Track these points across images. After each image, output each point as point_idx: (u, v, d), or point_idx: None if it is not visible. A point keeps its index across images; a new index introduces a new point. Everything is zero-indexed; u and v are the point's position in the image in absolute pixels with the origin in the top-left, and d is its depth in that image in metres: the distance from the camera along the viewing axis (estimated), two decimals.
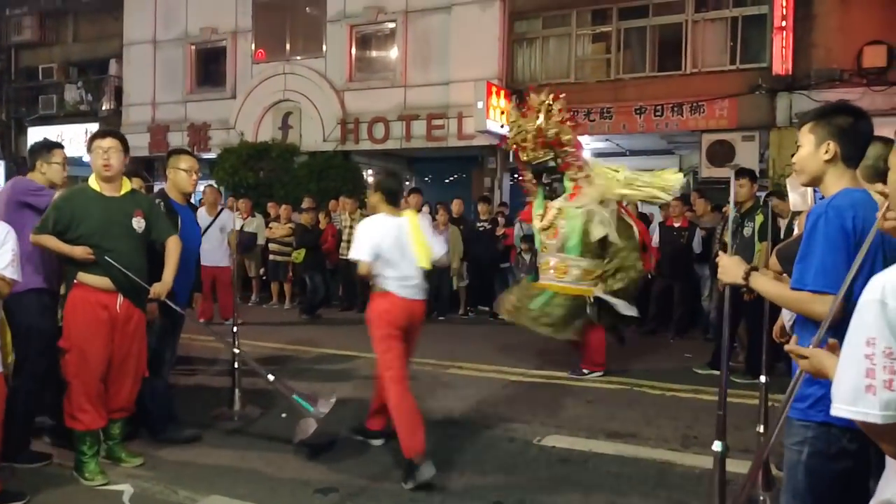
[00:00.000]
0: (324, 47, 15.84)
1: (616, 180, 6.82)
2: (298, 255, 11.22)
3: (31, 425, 4.54)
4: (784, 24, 11.83)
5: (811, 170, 2.45)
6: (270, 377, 4.72)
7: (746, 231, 6.55)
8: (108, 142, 4.26)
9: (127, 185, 4.41)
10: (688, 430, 5.29)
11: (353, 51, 15.69)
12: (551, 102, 6.89)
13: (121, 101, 18.53)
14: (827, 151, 2.37)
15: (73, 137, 17.96)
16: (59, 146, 4.74)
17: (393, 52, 15.32)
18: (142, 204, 4.44)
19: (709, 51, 13.15)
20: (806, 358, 1.95)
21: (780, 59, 11.94)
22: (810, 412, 2.25)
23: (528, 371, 7.27)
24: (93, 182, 4.30)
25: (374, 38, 15.79)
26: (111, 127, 16.99)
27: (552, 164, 6.97)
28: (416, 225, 4.62)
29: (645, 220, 10.70)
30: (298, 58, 16.09)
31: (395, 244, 4.47)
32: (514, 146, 7.21)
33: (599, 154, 15.98)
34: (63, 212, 4.14)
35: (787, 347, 2.02)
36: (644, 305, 10.18)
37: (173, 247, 4.48)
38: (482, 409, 5.84)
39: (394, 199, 4.63)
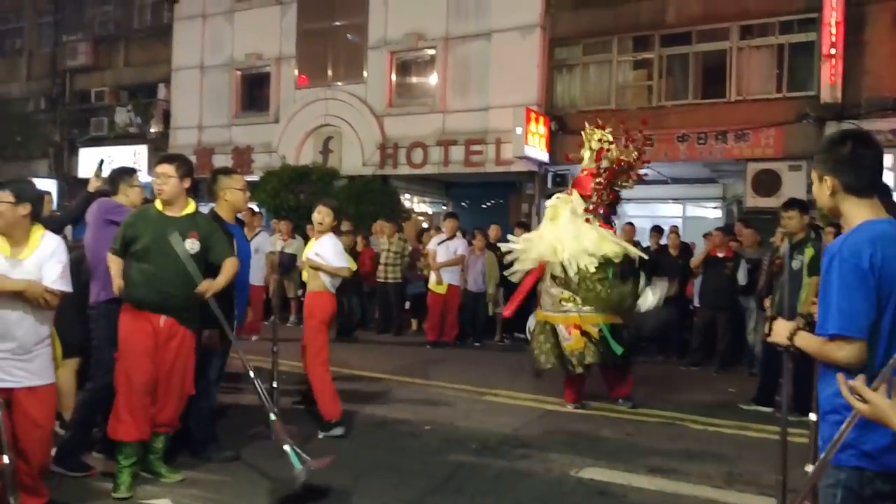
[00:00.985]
0: (364, 73, 16.05)
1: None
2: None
3: (89, 434, 4.65)
4: (833, 51, 11.60)
5: (826, 207, 2.37)
6: (273, 416, 4.49)
7: (795, 264, 6.35)
8: (163, 168, 4.44)
9: (191, 207, 4.51)
10: (732, 468, 5.12)
11: (394, 77, 15.86)
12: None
13: (168, 124, 18.98)
14: (828, 187, 2.30)
15: (122, 159, 18.44)
16: (136, 171, 5.19)
17: (432, 78, 15.44)
18: (200, 225, 4.49)
19: (754, 78, 12.97)
20: (866, 402, 1.85)
21: (829, 87, 11.69)
22: (842, 456, 2.14)
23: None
24: (158, 202, 4.46)
25: (414, 64, 15.95)
26: (161, 150, 17.59)
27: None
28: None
29: (687, 249, 10.57)
30: (340, 83, 16.31)
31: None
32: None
33: (639, 182, 15.79)
34: (128, 229, 4.36)
35: (851, 383, 1.90)
36: (685, 337, 10.04)
37: (230, 265, 4.53)
38: (518, 438, 5.74)
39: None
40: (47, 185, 16.91)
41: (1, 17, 23.20)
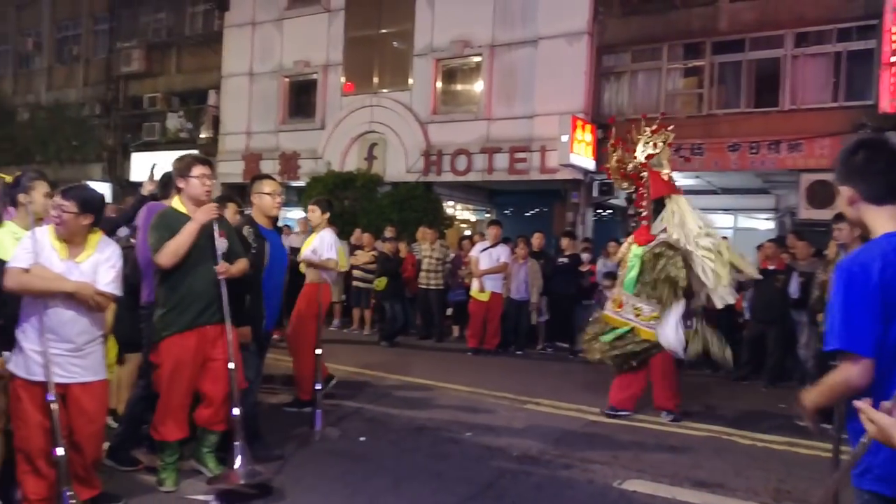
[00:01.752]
0: (410, 80, 16.10)
1: (700, 236, 6.62)
2: (380, 283, 11.28)
3: (139, 429, 4.71)
4: (894, 59, 11.23)
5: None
6: (236, 411, 4.31)
7: None
8: (205, 169, 4.44)
9: None
10: (780, 484, 4.95)
11: (439, 84, 15.88)
12: (651, 135, 6.82)
13: (218, 130, 19.33)
14: (846, 197, 2.24)
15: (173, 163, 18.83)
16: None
17: (478, 86, 15.42)
18: (224, 225, 4.53)
19: (809, 87, 12.63)
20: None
21: (889, 96, 11.28)
22: (862, 480, 2.09)
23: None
24: (178, 205, 4.42)
25: (460, 71, 15.95)
26: (211, 155, 17.93)
27: (633, 196, 7.02)
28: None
29: None
30: (385, 90, 16.39)
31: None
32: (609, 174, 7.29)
33: (689, 192, 15.49)
34: (166, 230, 4.25)
35: (856, 404, 1.83)
36: (734, 350, 9.78)
37: (242, 263, 4.50)
38: (561, 448, 5.63)
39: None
40: (101, 188, 17.32)
41: (60, 25, 23.98)
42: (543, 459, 5.30)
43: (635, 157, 6.85)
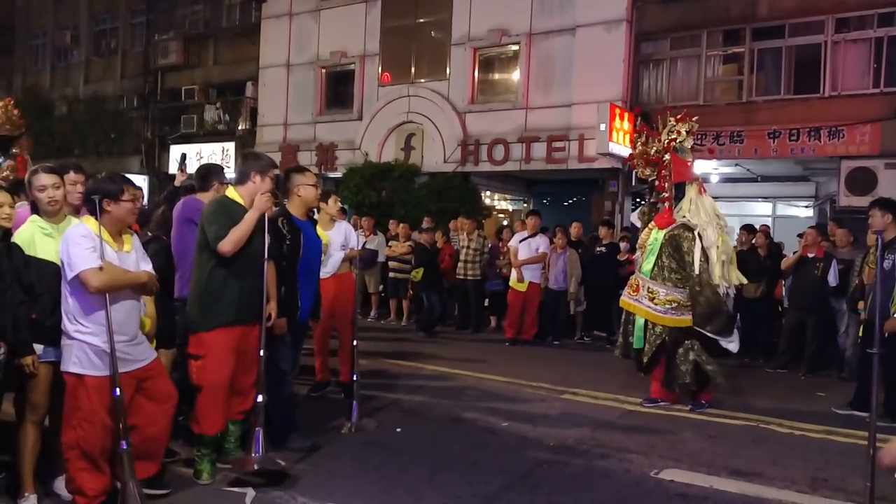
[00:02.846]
0: (447, 70, 16.13)
1: (718, 227, 6.71)
2: (417, 274, 11.40)
3: (177, 422, 4.71)
4: None
5: None
6: (259, 398, 4.44)
7: (886, 264, 6.12)
8: (275, 172, 4.57)
9: None
10: (817, 472, 4.95)
11: (476, 73, 15.88)
12: (675, 123, 6.83)
13: (255, 122, 19.57)
14: None
15: (211, 155, 19.19)
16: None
17: (515, 75, 15.40)
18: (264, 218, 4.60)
19: (850, 73, 12.41)
20: None
21: None
22: None
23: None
24: (232, 194, 4.51)
25: (497, 60, 15.94)
26: (248, 146, 18.19)
27: (654, 182, 7.07)
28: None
29: (776, 249, 10.23)
30: (422, 80, 16.45)
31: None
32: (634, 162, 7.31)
33: (728, 179, 15.41)
34: (228, 218, 4.31)
35: None
36: (772, 339, 9.72)
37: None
38: (597, 438, 5.69)
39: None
40: (139, 180, 17.74)
41: (97, 18, 24.36)
42: (580, 449, 5.36)
43: (659, 142, 6.88)
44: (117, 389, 3.65)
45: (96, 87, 23.83)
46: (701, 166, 8.50)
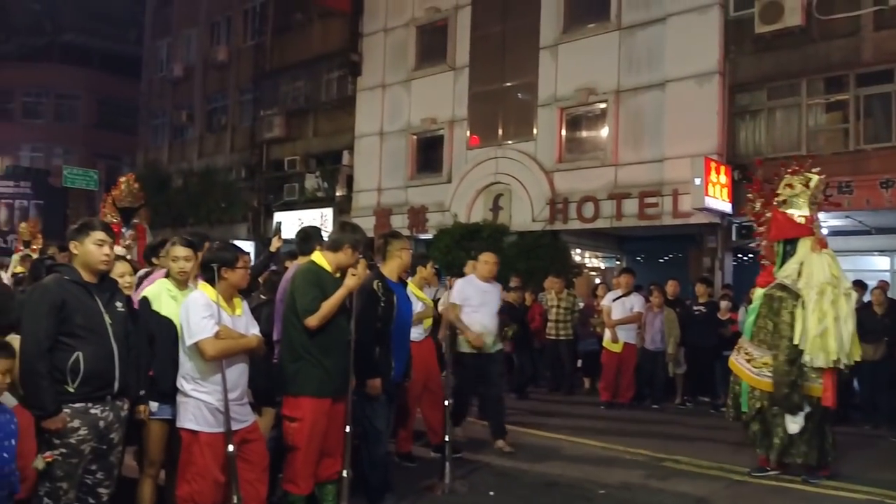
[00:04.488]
0: (534, 130, 16.16)
1: (832, 289, 6.11)
2: (510, 330, 11.19)
3: (275, 479, 4.72)
4: None
5: None
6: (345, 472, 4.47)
7: None
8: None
9: None
10: None
11: (563, 132, 15.82)
12: (790, 176, 6.54)
13: (351, 188, 20.16)
14: None
15: (310, 221, 19.78)
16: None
17: (603, 132, 15.24)
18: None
19: None
20: None
21: None
22: None
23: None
24: (321, 260, 4.55)
25: (585, 118, 15.84)
26: (345, 212, 18.71)
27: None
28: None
29: (894, 306, 9.42)
30: (510, 142, 16.54)
31: None
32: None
33: (838, 233, 14.51)
34: (319, 290, 4.37)
35: None
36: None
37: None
38: None
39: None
40: (246, 246, 18.45)
41: (210, 97, 26.15)
42: None
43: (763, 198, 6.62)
44: (231, 446, 3.82)
45: (208, 160, 25.34)
46: None
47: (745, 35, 13.45)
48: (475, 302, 7.00)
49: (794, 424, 6.09)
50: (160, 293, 4.21)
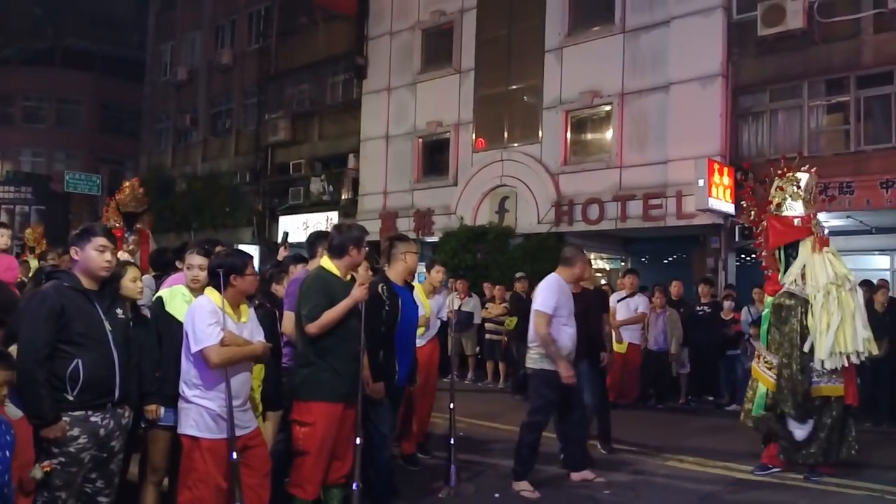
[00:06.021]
0: (540, 133, 16.28)
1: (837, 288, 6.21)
2: (511, 322, 11.31)
3: (281, 483, 4.76)
4: None
5: None
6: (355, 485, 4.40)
7: None
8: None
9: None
10: None
11: (568, 135, 15.93)
12: (779, 180, 6.62)
13: (357, 191, 20.24)
14: None
15: (316, 224, 19.92)
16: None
17: (608, 134, 15.36)
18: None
19: None
20: None
21: None
22: None
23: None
24: (329, 265, 4.58)
25: (590, 121, 15.96)
26: (350, 215, 18.81)
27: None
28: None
29: None
30: (515, 145, 16.65)
31: None
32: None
33: (840, 233, 14.59)
34: (324, 297, 4.38)
35: None
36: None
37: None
38: None
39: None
40: (250, 250, 18.56)
41: (214, 101, 26.16)
42: None
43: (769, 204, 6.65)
44: (234, 453, 3.78)
45: (213, 164, 25.35)
46: None
47: (748, 38, 13.57)
48: (566, 312, 5.89)
49: (800, 431, 6.21)
50: (175, 295, 4.24)
